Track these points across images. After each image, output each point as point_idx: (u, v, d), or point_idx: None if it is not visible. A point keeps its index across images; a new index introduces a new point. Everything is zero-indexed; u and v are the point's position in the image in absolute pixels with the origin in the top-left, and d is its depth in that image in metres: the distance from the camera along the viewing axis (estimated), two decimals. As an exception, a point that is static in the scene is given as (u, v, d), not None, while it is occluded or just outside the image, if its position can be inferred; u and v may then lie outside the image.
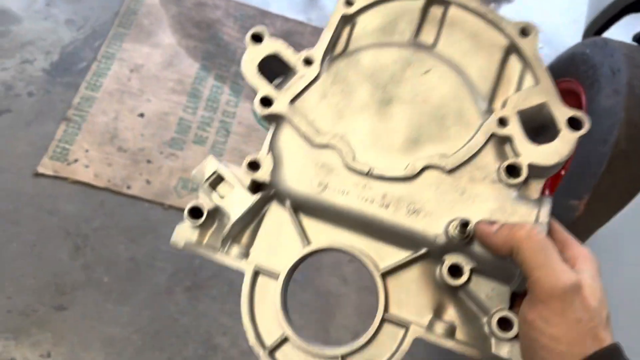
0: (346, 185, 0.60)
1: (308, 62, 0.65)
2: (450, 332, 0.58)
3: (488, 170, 0.59)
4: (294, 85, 0.64)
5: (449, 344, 0.57)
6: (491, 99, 0.63)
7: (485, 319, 0.57)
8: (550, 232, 0.57)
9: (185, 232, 0.62)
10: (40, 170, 2.00)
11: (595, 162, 1.46)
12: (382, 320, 0.59)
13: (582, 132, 0.58)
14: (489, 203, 0.58)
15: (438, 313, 0.59)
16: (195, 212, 0.61)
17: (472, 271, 0.58)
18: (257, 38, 0.66)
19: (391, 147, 0.61)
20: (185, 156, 2.19)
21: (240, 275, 2.09)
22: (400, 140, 0.62)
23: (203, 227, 0.62)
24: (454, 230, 0.57)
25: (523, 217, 0.57)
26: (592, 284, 0.50)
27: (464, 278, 0.57)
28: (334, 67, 0.65)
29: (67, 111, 2.16)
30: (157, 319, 1.82)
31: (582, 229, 1.46)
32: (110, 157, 2.10)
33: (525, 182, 0.59)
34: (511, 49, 0.65)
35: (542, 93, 0.61)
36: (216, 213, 0.63)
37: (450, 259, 0.58)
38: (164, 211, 2.04)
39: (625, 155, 1.43)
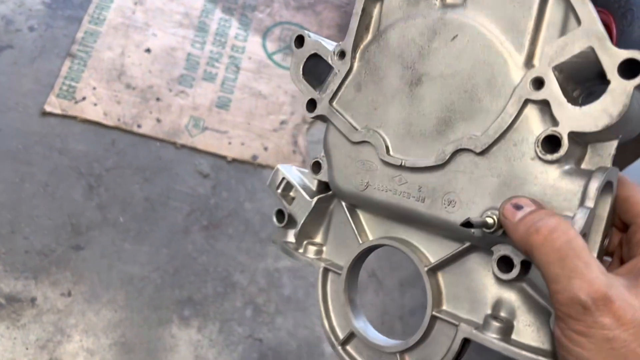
0: (384, 181, 0.57)
1: (341, 55, 0.61)
2: (506, 332, 0.50)
3: (526, 146, 0.49)
4: (332, 83, 0.61)
5: (500, 345, 0.48)
6: (529, 57, 0.50)
7: (553, 310, 0.49)
8: (619, 201, 0.49)
9: (279, 234, 0.67)
10: (48, 109, 1.94)
11: (627, 96, 1.40)
12: (433, 318, 0.54)
13: (639, 79, 0.43)
14: (528, 186, 0.48)
15: (496, 308, 0.52)
16: (280, 216, 0.67)
17: (523, 263, 0.49)
18: (300, 41, 0.64)
19: (424, 133, 0.55)
20: (195, 94, 2.12)
21: (255, 214, 2.06)
22: (432, 123, 0.54)
23: (290, 228, 0.66)
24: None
25: (566, 199, 0.47)
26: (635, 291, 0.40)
27: (515, 271, 0.49)
28: (366, 55, 0.60)
29: (71, 46, 2.08)
30: (176, 258, 1.82)
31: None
32: (119, 95, 2.03)
33: (573, 153, 0.48)
34: None
35: (584, 36, 0.46)
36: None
37: (498, 251, 0.50)
38: (176, 150, 2.00)
39: (660, 89, 1.37)
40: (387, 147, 0.57)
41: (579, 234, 0.43)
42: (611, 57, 0.44)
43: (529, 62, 0.50)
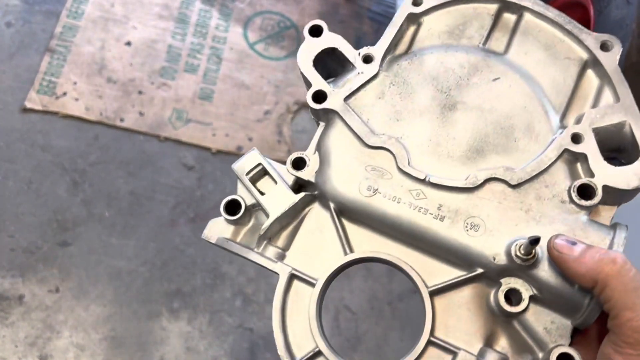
0: (398, 192, 0.56)
1: (367, 59, 0.61)
2: None
3: (557, 189, 0.54)
4: (351, 81, 0.60)
5: None
6: (564, 114, 0.59)
7: (541, 355, 0.52)
8: None
9: (218, 227, 0.60)
10: (28, 105, 1.92)
11: (605, 77, 1.42)
12: (428, 343, 0.53)
13: None
14: (556, 225, 0.53)
15: (489, 342, 0.54)
16: (232, 207, 0.58)
17: (531, 299, 0.52)
18: (316, 32, 0.63)
19: (451, 156, 0.57)
20: (177, 86, 2.11)
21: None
22: (462, 148, 0.57)
23: (238, 224, 0.59)
24: (518, 250, 0.51)
25: (595, 243, 0.51)
26: None
27: (523, 305, 0.52)
28: (394, 67, 0.62)
29: (50, 41, 2.05)
30: (163, 251, 1.82)
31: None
32: (100, 89, 2.02)
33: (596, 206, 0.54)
34: (589, 63, 0.60)
35: (622, 111, 0.55)
36: (253, 209, 0.60)
37: (507, 283, 0.53)
38: (160, 143, 1.99)
39: (637, 69, 1.39)
40: (408, 159, 0.57)
41: None
42: None
43: (562, 120, 0.58)
